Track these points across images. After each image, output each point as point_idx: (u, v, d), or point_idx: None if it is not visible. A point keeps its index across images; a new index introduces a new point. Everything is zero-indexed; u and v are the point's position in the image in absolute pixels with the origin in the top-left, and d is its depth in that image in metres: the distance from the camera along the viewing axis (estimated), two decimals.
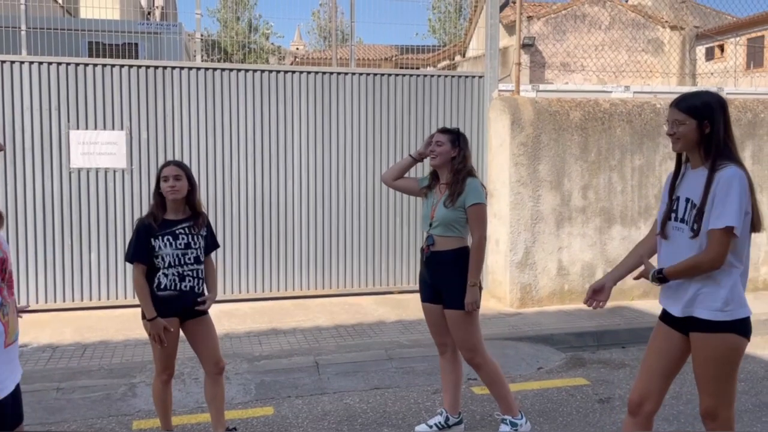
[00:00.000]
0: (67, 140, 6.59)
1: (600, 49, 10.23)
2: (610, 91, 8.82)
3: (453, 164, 3.82)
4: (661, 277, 2.83)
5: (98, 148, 6.67)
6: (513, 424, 3.91)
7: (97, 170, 6.67)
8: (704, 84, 11.30)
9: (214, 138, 6.93)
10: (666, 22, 11.77)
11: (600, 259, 7.11)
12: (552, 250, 6.96)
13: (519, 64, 7.45)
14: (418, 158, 4.06)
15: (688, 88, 9.44)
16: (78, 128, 6.62)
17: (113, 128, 6.70)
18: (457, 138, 3.86)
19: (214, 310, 6.84)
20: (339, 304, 6.98)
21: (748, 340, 2.80)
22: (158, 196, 3.70)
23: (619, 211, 7.15)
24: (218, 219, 6.96)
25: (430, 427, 4.07)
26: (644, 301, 7.18)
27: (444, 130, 3.92)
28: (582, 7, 10.94)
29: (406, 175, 4.14)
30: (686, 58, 11.88)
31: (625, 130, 7.14)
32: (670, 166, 7.18)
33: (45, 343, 5.64)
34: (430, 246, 3.83)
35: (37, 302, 6.57)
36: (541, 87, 9.00)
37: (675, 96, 2.90)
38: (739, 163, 2.71)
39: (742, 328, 2.75)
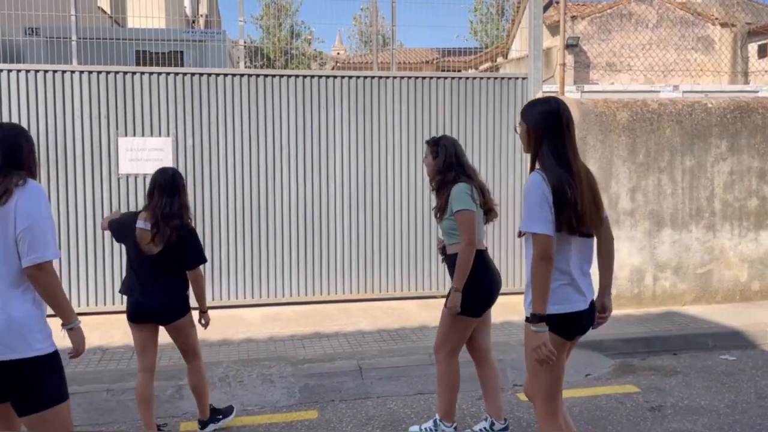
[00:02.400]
0: (116, 147, 6.74)
1: (647, 48, 9.99)
2: (659, 91, 8.58)
3: (435, 177, 3.90)
4: None
5: (145, 155, 6.81)
6: (435, 425, 3.98)
7: (144, 176, 6.80)
8: (757, 82, 10.92)
9: (257, 143, 7.00)
10: (716, 19, 11.43)
11: (649, 264, 6.92)
12: None
13: (563, 64, 7.33)
14: None
15: (739, 87, 9.14)
16: (126, 135, 6.77)
17: (160, 135, 6.82)
18: (436, 148, 3.88)
19: (257, 314, 6.93)
20: (381, 309, 6.96)
21: (561, 336, 2.85)
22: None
23: (669, 214, 6.95)
24: (261, 224, 7.02)
25: None
26: (696, 306, 6.96)
27: (427, 142, 3.98)
28: (628, 5, 10.70)
29: None
30: (738, 56, 11.51)
31: (674, 130, 6.94)
32: (723, 167, 7.00)
33: (95, 345, 5.77)
34: (441, 253, 4.01)
35: (87, 305, 6.73)
36: (586, 88, 8.82)
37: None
38: (548, 169, 2.80)
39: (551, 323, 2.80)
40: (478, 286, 3.78)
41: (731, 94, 7.86)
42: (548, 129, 2.86)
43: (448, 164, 3.84)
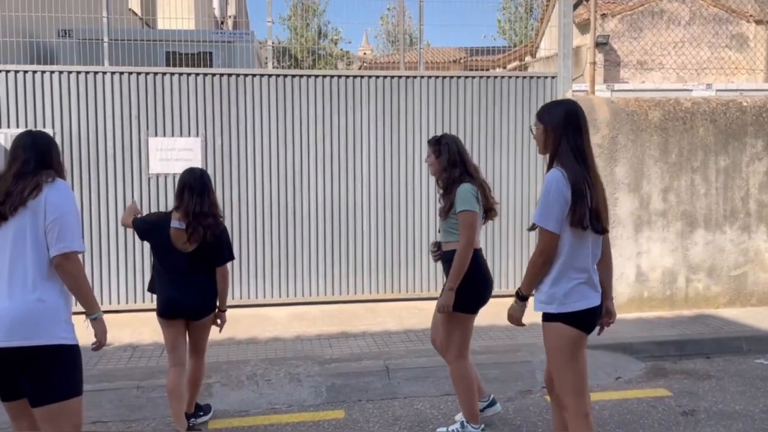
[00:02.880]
0: (146, 147, 6.83)
1: (679, 46, 9.80)
2: (691, 90, 8.42)
3: (441, 176, 3.93)
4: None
5: (175, 155, 6.88)
6: (463, 427, 3.97)
7: (174, 176, 6.87)
8: None
9: (285, 143, 7.03)
10: (750, 16, 11.17)
11: (682, 265, 6.79)
12: (630, 255, 6.69)
13: (594, 63, 7.23)
14: None
15: None
16: (156, 135, 6.85)
17: (189, 135, 6.89)
18: (438, 147, 3.93)
19: (284, 313, 6.96)
20: (408, 309, 6.94)
21: (581, 330, 3.01)
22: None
23: (702, 215, 6.81)
24: (289, 223, 7.04)
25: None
26: (730, 309, 6.82)
27: (429, 141, 4.04)
28: (660, 3, 10.52)
29: None
30: None
31: (708, 129, 6.80)
32: (759, 167, 6.84)
33: (126, 343, 5.84)
34: (434, 252, 4.01)
35: (118, 303, 6.83)
36: (617, 86, 8.69)
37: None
38: (565, 166, 2.94)
39: (569, 319, 2.98)
40: (471, 283, 3.81)
41: (767, 93, 7.68)
42: (567, 128, 2.99)
43: (453, 162, 3.88)
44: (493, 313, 6.71)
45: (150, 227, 4.04)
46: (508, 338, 5.91)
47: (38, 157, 2.86)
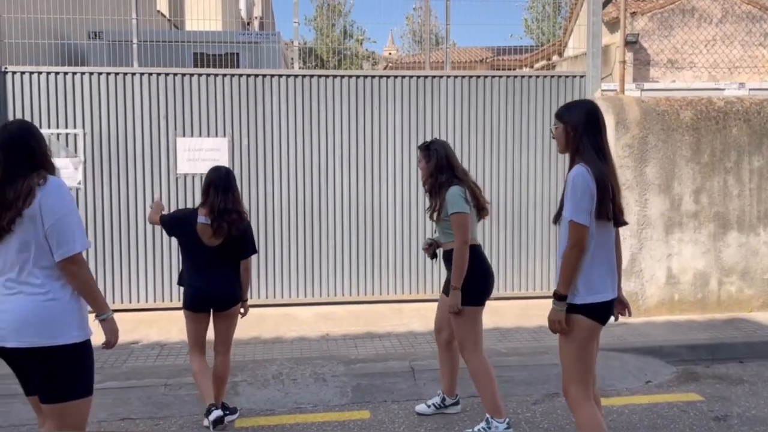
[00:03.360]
0: (174, 147, 6.89)
1: (711, 45, 9.62)
2: (723, 89, 8.27)
3: (433, 179, 4.06)
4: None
5: (202, 155, 6.93)
6: (488, 423, 4.02)
7: (201, 176, 6.92)
8: None
9: (311, 143, 7.04)
10: None
11: (714, 268, 6.66)
12: (660, 257, 6.58)
13: (623, 62, 7.12)
14: None
15: None
16: (184, 135, 6.91)
17: (216, 135, 6.94)
18: (428, 153, 4.08)
19: (310, 313, 6.97)
20: (433, 309, 6.80)
21: (598, 322, 3.11)
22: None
23: (735, 216, 6.67)
24: (315, 223, 7.06)
25: (429, 407, 4.42)
26: (764, 312, 6.67)
27: (419, 147, 4.20)
28: (691, 1, 10.33)
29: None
30: None
31: (742, 129, 6.66)
32: None
33: (153, 341, 5.90)
34: (427, 249, 4.23)
35: (146, 301, 6.90)
36: (646, 86, 8.56)
37: None
38: (590, 163, 3.04)
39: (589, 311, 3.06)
40: (476, 277, 3.98)
41: None
42: (588, 127, 3.12)
43: (440, 167, 4.03)
44: (519, 315, 6.69)
45: (177, 223, 4.21)
46: (535, 340, 5.84)
47: (21, 154, 2.69)
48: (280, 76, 7.05)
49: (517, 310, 6.87)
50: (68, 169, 6.77)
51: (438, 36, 23.04)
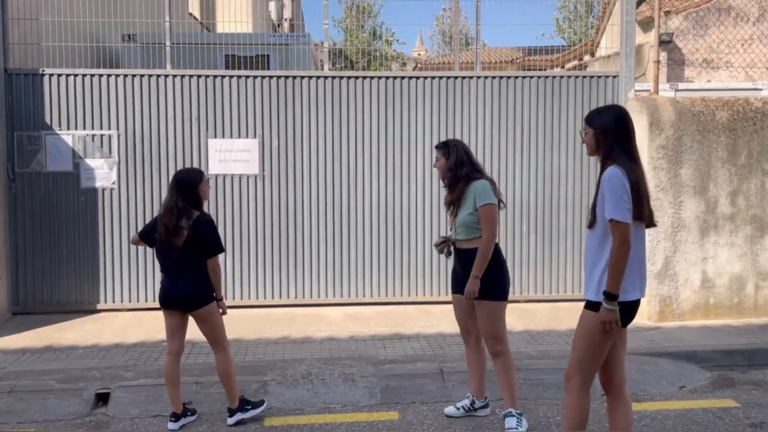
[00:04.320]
0: (206, 148, 6.97)
1: (748, 44, 9.40)
2: (761, 89, 8.08)
3: (448, 174, 4.14)
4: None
5: (233, 156, 7.00)
6: (519, 415, 4.12)
7: (232, 176, 6.99)
8: None
9: (341, 144, 7.06)
10: None
11: (751, 271, 6.50)
12: (695, 260, 6.45)
13: (658, 61, 7.00)
14: None
15: None
16: (216, 137, 6.98)
17: (247, 136, 7.00)
18: (447, 150, 4.15)
19: (339, 313, 7.00)
20: None
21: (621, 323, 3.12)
22: (200, 199, 4.17)
23: None
24: (344, 224, 7.07)
25: (458, 409, 4.41)
26: None
27: (437, 146, 4.25)
28: None
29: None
30: None
31: None
32: None
33: (186, 340, 5.95)
34: (445, 249, 4.24)
35: None
36: (681, 86, 8.41)
37: None
38: (622, 165, 3.09)
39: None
40: (500, 272, 4.08)
41: None
42: (619, 131, 3.19)
43: (460, 162, 4.11)
44: (549, 318, 6.62)
45: (147, 231, 4.41)
46: (566, 343, 5.77)
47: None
48: (310, 77, 7.09)
49: (548, 313, 6.79)
50: (103, 170, 6.89)
51: (468, 36, 22.94)
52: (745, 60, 9.12)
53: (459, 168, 4.10)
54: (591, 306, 3.17)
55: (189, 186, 4.15)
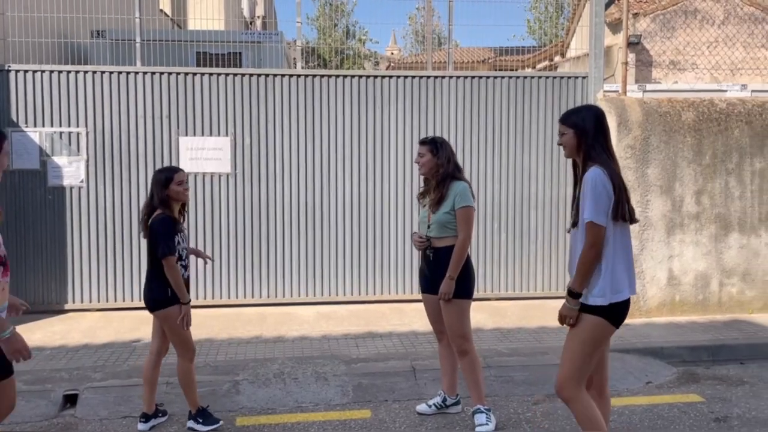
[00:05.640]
0: (177, 146, 6.90)
1: (713, 46, 9.62)
2: (725, 90, 8.26)
3: (437, 171, 4.14)
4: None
5: (205, 154, 6.95)
6: (487, 411, 4.19)
7: (203, 175, 6.94)
8: None
9: (313, 143, 7.05)
10: None
11: (716, 269, 6.66)
12: (662, 258, 6.58)
13: (626, 63, 7.13)
14: None
15: None
16: (187, 135, 6.92)
17: (219, 134, 6.95)
18: (435, 147, 4.17)
19: (311, 312, 6.98)
20: None
21: (614, 325, 3.16)
22: (167, 197, 4.07)
23: (737, 218, 6.67)
24: (316, 222, 7.07)
25: (429, 406, 4.46)
26: (765, 314, 6.67)
27: (422, 141, 4.26)
28: (693, 2, 10.34)
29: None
30: None
31: (743, 131, 6.66)
32: None
33: None
34: (427, 249, 4.19)
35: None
36: (649, 87, 8.56)
37: None
38: (603, 165, 3.11)
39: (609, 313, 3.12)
40: (467, 271, 4.15)
41: None
42: (598, 132, 3.20)
43: (448, 158, 4.16)
44: (520, 316, 6.69)
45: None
46: (536, 341, 5.85)
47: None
48: (283, 75, 7.06)
49: (518, 311, 6.88)
50: (70, 168, 6.79)
51: (440, 36, 23.03)
52: (710, 62, 9.32)
53: (448, 164, 4.14)
54: (589, 310, 3.13)
55: (157, 183, 4.09)
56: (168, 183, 4.07)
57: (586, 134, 3.19)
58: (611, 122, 6.57)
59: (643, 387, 5.03)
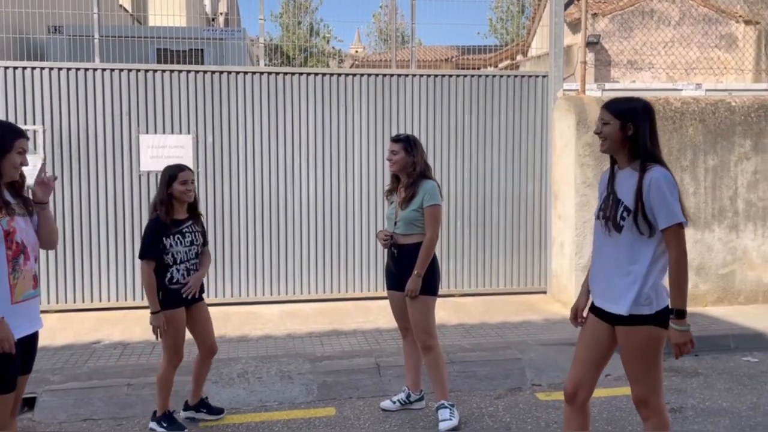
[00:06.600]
0: (137, 144, 6.80)
1: (669, 46, 9.86)
2: (681, 89, 8.48)
3: (408, 169, 4.18)
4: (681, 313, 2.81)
5: (166, 152, 6.86)
6: (451, 406, 4.23)
7: None
8: None
9: (277, 141, 7.03)
10: (740, 16, 11.25)
11: None
12: None
13: (584, 62, 7.26)
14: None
15: (764, 85, 9.00)
16: (147, 132, 6.82)
17: (180, 132, 6.87)
18: (409, 144, 4.19)
19: (275, 311, 6.96)
20: None
21: (665, 329, 2.85)
22: (168, 197, 3.96)
23: (691, 214, 6.86)
24: (280, 221, 7.05)
25: (394, 402, 4.50)
26: (718, 307, 6.88)
27: (395, 139, 4.26)
28: (650, 3, 10.59)
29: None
30: (762, 54, 11.34)
31: (697, 129, 6.86)
32: (747, 166, 6.91)
33: (116, 341, 5.83)
34: (392, 245, 4.23)
35: (108, 300, 6.81)
36: (607, 86, 8.74)
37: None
38: (663, 164, 2.85)
39: (657, 319, 2.82)
40: (433, 268, 4.20)
41: (755, 93, 7.74)
42: (650, 124, 2.86)
43: (421, 156, 4.21)
44: (483, 311, 6.78)
45: None
46: (498, 336, 5.94)
47: None
48: (245, 73, 7.02)
49: (481, 306, 6.96)
50: (27, 167, 6.62)
51: (404, 34, 23.10)
52: (666, 61, 9.56)
53: (414, 168, 4.16)
54: (636, 321, 2.83)
55: (161, 181, 4.01)
56: (171, 181, 3.94)
57: (637, 129, 2.82)
58: (570, 120, 6.71)
59: (603, 380, 5.09)
